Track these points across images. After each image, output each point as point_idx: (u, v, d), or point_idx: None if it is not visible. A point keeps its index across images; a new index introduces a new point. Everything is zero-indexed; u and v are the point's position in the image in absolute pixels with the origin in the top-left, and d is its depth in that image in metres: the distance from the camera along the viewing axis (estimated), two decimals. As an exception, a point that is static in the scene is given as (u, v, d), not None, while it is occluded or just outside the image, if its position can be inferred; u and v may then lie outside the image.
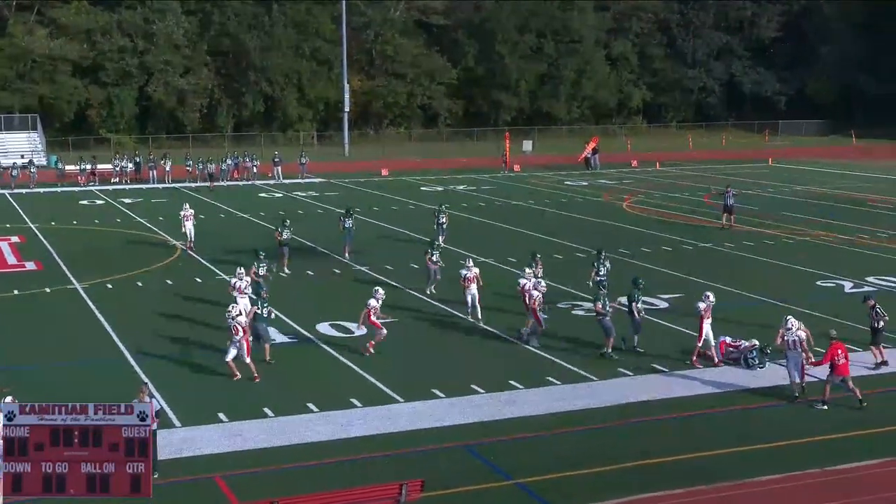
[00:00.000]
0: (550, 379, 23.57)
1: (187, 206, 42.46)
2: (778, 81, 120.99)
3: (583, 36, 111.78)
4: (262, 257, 30.99)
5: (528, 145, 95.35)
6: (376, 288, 26.43)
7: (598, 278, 29.35)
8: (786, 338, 22.25)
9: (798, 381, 22.11)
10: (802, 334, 22.29)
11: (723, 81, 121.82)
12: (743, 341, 24.98)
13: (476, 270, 29.20)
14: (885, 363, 24.33)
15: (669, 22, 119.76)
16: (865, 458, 18.78)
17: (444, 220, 41.74)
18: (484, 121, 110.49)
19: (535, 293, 26.48)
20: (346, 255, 38.72)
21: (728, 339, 25.22)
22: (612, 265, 31.32)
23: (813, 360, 22.11)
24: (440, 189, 63.92)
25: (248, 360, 22.99)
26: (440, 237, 40.27)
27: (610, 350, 25.25)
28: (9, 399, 17.39)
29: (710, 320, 24.62)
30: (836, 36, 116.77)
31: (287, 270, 35.72)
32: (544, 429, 20.50)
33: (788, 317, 22.91)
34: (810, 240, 43.35)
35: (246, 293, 27.13)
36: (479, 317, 28.72)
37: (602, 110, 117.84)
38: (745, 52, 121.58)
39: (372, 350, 25.02)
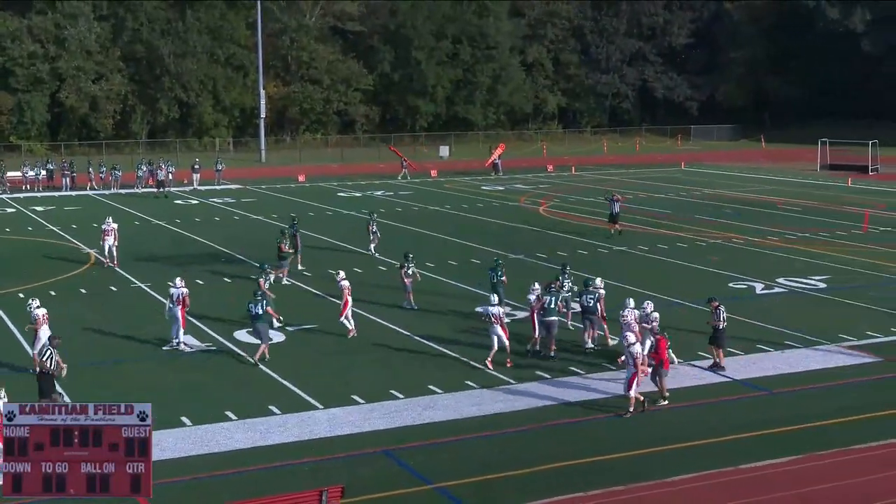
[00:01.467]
0: (469, 383, 23.67)
1: (110, 220, 39.30)
2: (690, 87, 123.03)
3: (498, 42, 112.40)
4: (266, 268, 30.44)
5: (444, 151, 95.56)
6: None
7: (564, 294, 27.44)
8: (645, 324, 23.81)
9: None
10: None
11: (636, 87, 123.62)
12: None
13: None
14: (721, 367, 24.62)
15: (584, 28, 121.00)
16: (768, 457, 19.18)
17: (375, 227, 41.22)
18: (401, 126, 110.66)
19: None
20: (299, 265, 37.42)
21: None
22: (517, 268, 31.64)
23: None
24: (358, 195, 63.83)
25: None
26: (372, 244, 40.14)
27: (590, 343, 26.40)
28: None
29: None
30: (745, 41, 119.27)
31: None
32: (463, 433, 20.61)
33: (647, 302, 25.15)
34: (722, 242, 44.07)
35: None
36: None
37: (518, 116, 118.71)
38: (657, 58, 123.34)
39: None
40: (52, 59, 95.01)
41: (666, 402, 22.21)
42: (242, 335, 27.68)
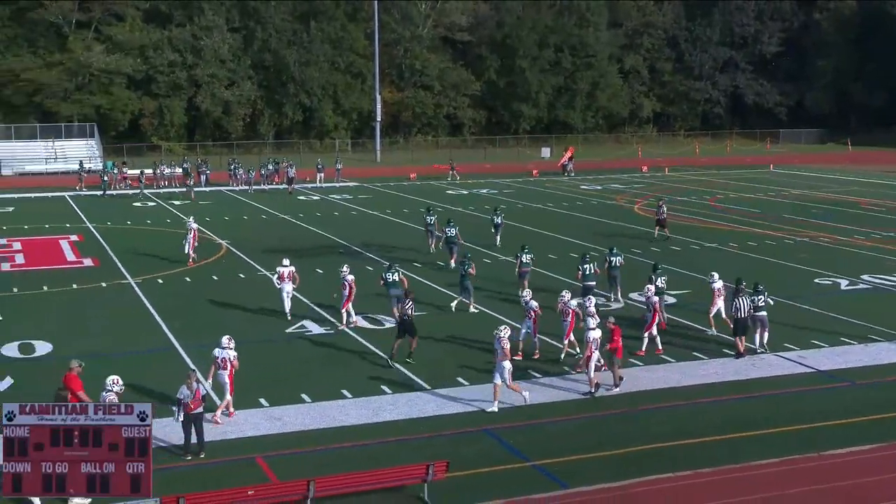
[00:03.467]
0: (566, 368, 23.53)
1: (192, 220, 39.16)
2: (779, 94, 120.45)
3: (597, 51, 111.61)
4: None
5: (545, 151, 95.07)
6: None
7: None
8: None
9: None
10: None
11: (727, 93, 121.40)
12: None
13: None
14: (742, 355, 24.42)
15: (678, 38, 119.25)
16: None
17: (500, 220, 41.27)
18: (505, 129, 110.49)
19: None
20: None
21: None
22: (625, 262, 31.27)
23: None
24: (465, 192, 63.90)
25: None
26: (497, 237, 40.01)
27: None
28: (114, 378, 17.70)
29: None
30: (832, 49, 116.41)
31: (453, 264, 35.62)
32: (560, 414, 20.48)
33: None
34: (809, 240, 43.07)
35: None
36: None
37: (615, 120, 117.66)
38: (748, 65, 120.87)
39: None
40: (189, 67, 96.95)
41: (618, 388, 21.82)
42: (358, 320, 27.90)
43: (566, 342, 24.14)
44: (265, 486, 16.34)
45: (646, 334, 24.70)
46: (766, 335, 24.97)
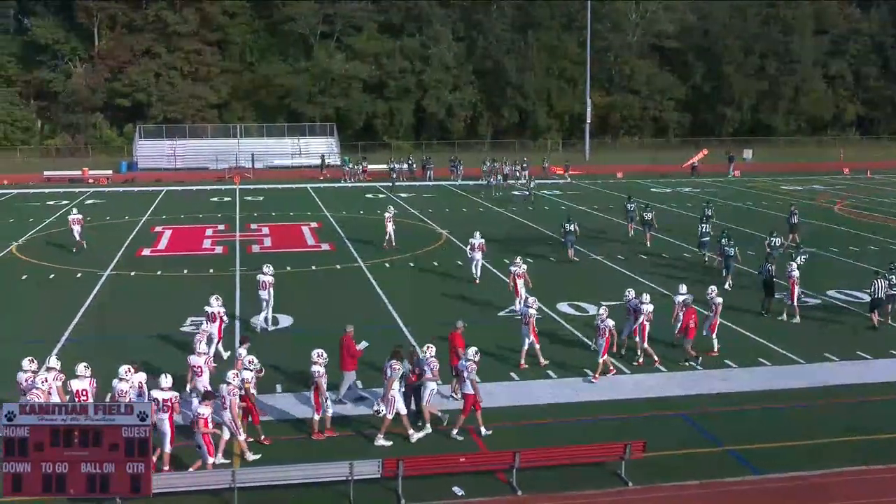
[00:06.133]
0: (761, 360, 22.74)
1: (391, 207, 40.60)
2: None
3: (802, 57, 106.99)
4: None
5: (748, 154, 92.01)
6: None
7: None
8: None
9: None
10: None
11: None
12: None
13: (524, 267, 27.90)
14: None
15: (885, 44, 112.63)
16: None
17: (710, 212, 40.17)
18: (709, 131, 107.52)
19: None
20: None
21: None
22: (817, 259, 29.99)
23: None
24: (668, 191, 62.59)
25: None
26: (707, 226, 38.95)
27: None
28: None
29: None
30: None
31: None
32: (753, 403, 19.83)
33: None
34: None
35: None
36: None
37: (818, 123, 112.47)
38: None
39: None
40: (417, 73, 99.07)
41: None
42: (564, 307, 27.86)
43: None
44: (475, 455, 16.58)
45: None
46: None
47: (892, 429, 18.29)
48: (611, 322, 21.47)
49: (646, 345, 22.49)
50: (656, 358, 22.42)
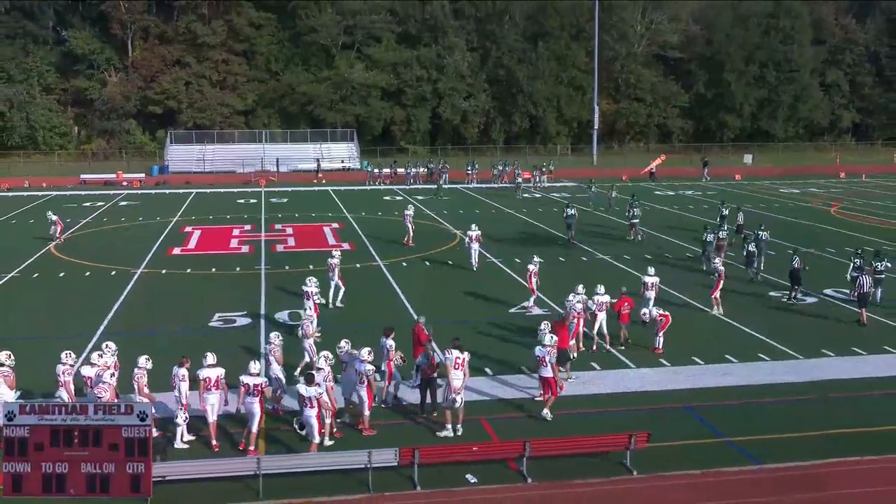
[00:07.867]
0: (761, 356, 22.67)
1: (410, 206, 42.06)
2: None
3: (800, 66, 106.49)
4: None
5: (748, 158, 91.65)
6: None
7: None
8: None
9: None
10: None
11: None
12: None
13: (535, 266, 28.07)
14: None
15: (879, 54, 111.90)
16: None
17: (726, 212, 41.23)
18: (711, 137, 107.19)
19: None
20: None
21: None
22: (818, 260, 29.83)
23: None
24: (671, 193, 62.39)
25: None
26: (722, 225, 38.64)
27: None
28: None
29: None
30: None
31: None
32: (754, 397, 19.77)
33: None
34: None
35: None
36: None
37: (815, 129, 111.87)
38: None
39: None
40: (433, 82, 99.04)
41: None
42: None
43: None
44: (487, 444, 16.60)
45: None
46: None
47: (885, 422, 18.21)
48: (579, 306, 22.53)
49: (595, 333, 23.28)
50: (607, 346, 23.20)
